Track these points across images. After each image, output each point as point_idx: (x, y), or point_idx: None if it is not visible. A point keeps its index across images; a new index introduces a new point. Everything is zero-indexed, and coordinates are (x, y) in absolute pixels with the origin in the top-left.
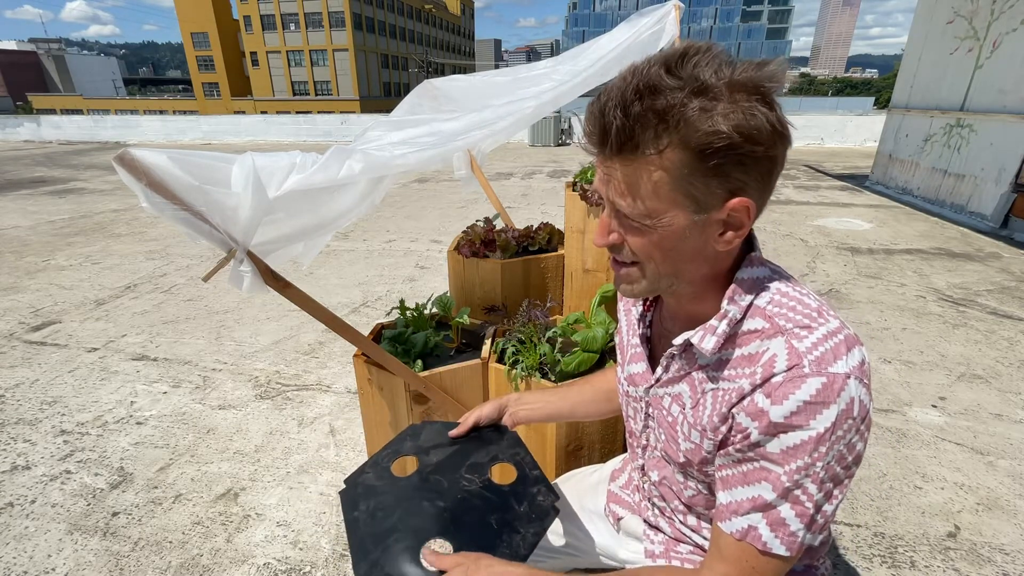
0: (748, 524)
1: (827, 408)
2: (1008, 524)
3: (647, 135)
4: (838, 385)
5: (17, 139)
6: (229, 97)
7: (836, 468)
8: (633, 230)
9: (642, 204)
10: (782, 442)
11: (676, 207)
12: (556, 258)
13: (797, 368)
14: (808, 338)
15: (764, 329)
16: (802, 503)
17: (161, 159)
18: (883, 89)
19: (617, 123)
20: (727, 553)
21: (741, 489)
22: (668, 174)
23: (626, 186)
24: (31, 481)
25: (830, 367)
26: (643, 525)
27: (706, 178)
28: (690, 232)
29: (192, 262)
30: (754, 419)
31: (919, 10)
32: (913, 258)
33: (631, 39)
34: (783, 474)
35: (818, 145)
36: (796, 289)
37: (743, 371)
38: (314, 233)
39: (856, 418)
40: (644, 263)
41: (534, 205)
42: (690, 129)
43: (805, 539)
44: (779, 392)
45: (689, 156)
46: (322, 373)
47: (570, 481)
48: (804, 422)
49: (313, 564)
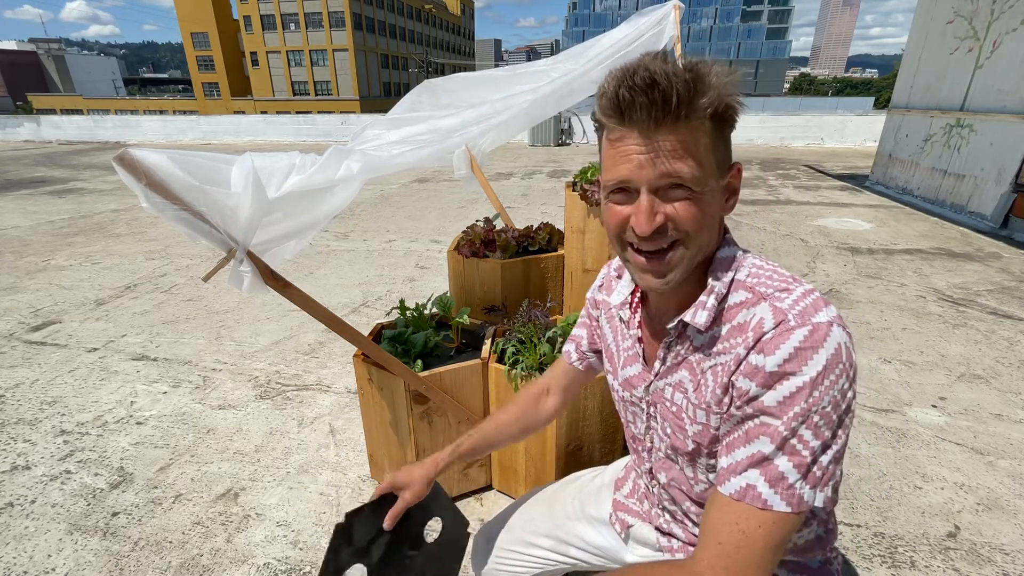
0: (746, 483)
1: (816, 353)
2: (1008, 524)
3: (698, 104)
4: (823, 331)
5: (17, 139)
6: (229, 97)
7: (832, 415)
8: (685, 201)
9: (699, 168)
10: (778, 393)
11: (713, 172)
12: (556, 258)
13: (784, 323)
14: (788, 298)
15: (748, 299)
16: (799, 452)
17: (161, 159)
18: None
19: (679, 92)
20: (719, 521)
21: (740, 449)
22: (710, 139)
23: (684, 150)
24: (31, 481)
25: (813, 317)
26: (655, 533)
27: (725, 144)
28: (718, 197)
29: (192, 262)
30: (751, 377)
31: (919, 10)
32: (913, 258)
33: (632, 39)
34: (780, 424)
35: (818, 145)
36: (769, 263)
37: (736, 340)
38: (307, 231)
39: (844, 363)
40: (691, 238)
41: (534, 205)
42: (720, 98)
43: (804, 493)
44: (771, 345)
45: (716, 123)
46: (322, 373)
47: (572, 485)
48: (797, 368)
49: (313, 564)
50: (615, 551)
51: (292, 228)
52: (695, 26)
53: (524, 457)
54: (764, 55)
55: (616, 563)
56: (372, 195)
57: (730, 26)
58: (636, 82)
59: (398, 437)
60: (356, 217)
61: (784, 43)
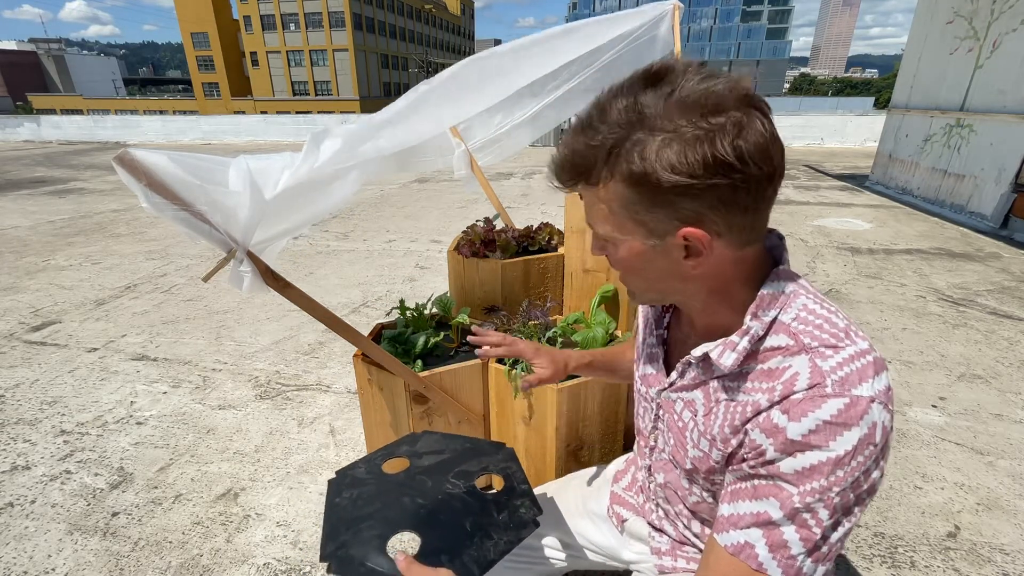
0: (745, 540)
1: (848, 431)
2: (1008, 524)
3: (593, 169)
4: (861, 408)
5: (17, 139)
6: (229, 97)
7: (850, 495)
8: (604, 249)
9: (600, 227)
10: (797, 462)
11: (629, 233)
12: (556, 258)
13: (819, 387)
14: (833, 357)
15: (788, 346)
16: (809, 527)
17: (161, 159)
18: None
19: (565, 157)
20: (716, 569)
21: (747, 503)
22: (615, 203)
23: (586, 209)
24: (31, 481)
25: (854, 389)
26: (648, 528)
27: (652, 208)
28: (651, 256)
29: (192, 262)
30: (769, 436)
31: (919, 10)
32: (913, 258)
33: (628, 39)
34: (795, 495)
35: (818, 145)
36: (824, 307)
37: (761, 386)
38: (304, 228)
39: (877, 445)
40: (628, 283)
41: (534, 205)
42: (625, 164)
43: (805, 566)
44: (797, 409)
45: (630, 188)
46: (322, 373)
47: (572, 482)
48: (822, 442)
49: (313, 564)
50: (614, 549)
51: (291, 225)
52: (695, 26)
53: (524, 457)
54: (764, 55)
55: (614, 559)
56: (372, 195)
57: (730, 26)
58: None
59: (398, 437)
60: (356, 217)
61: (784, 43)
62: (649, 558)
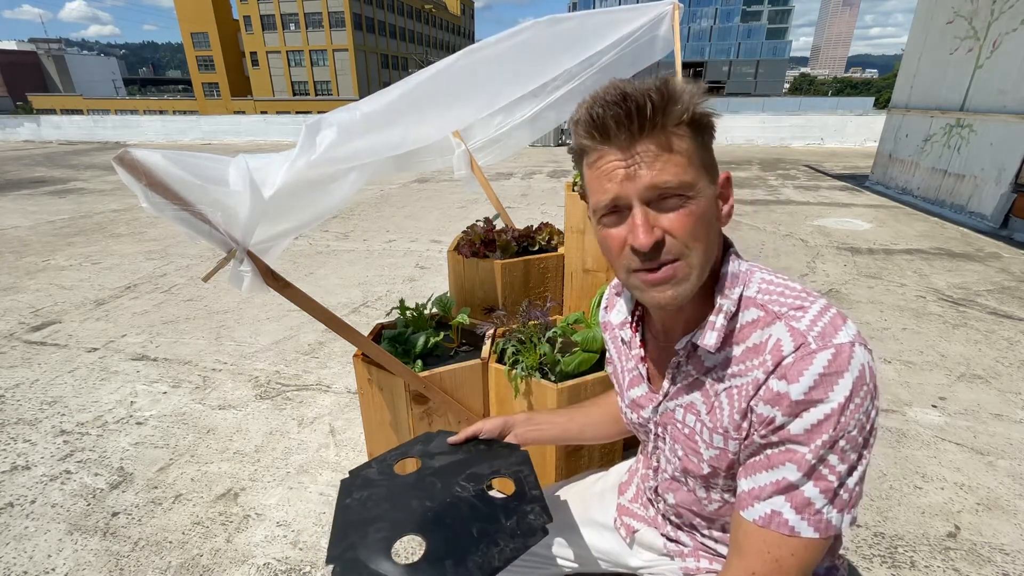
0: (771, 509)
1: (842, 378)
2: (1008, 524)
3: (673, 110)
4: (847, 353)
5: (17, 139)
6: (229, 97)
7: (857, 437)
8: (679, 211)
9: (684, 173)
10: (805, 420)
11: (702, 176)
12: (556, 258)
13: (804, 346)
14: (805, 317)
15: (760, 318)
16: (825, 478)
17: (161, 159)
18: (883, 89)
19: (653, 99)
20: (748, 547)
21: (764, 474)
22: (692, 143)
23: (667, 157)
24: (31, 481)
25: (833, 339)
26: (662, 539)
27: (707, 150)
28: (712, 204)
29: (192, 262)
30: (775, 405)
31: (919, 10)
32: (913, 258)
33: (628, 40)
34: (808, 452)
35: (818, 145)
36: (778, 276)
37: (753, 363)
38: (304, 228)
39: (869, 383)
40: (690, 249)
41: (534, 205)
42: (696, 107)
43: (832, 517)
44: (793, 371)
45: (694, 129)
46: (322, 373)
47: (574, 488)
48: (823, 395)
49: (313, 564)
50: (619, 555)
51: (292, 227)
52: (695, 26)
53: None
54: (764, 55)
55: (621, 567)
56: (372, 195)
57: (730, 26)
58: (608, 99)
59: (398, 437)
60: (356, 217)
61: (784, 43)
62: (659, 562)
